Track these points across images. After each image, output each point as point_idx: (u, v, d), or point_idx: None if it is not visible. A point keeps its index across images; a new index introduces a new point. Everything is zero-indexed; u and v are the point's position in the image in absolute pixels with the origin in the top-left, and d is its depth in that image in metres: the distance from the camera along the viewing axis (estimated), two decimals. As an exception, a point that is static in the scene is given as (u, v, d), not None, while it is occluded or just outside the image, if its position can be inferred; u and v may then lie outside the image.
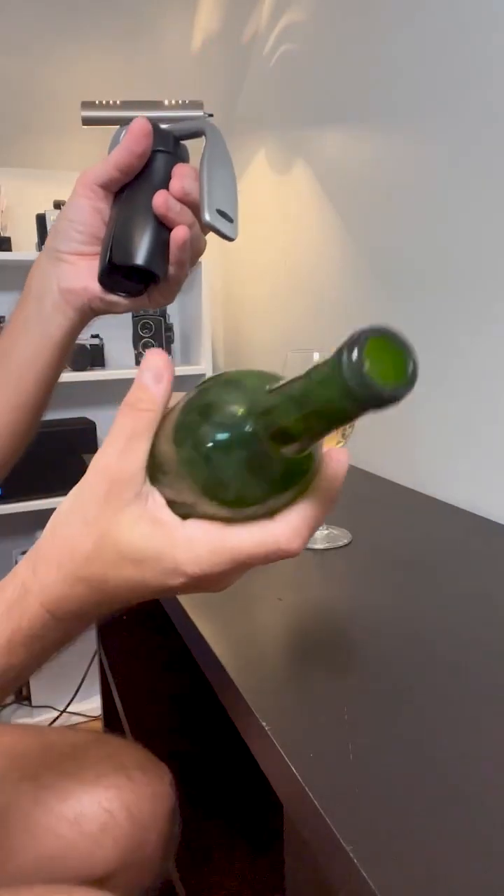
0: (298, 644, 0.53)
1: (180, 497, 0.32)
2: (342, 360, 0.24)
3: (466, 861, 0.32)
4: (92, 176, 0.53)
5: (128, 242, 0.51)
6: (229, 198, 0.50)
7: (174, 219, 0.51)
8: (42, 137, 1.80)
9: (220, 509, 0.31)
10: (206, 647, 0.53)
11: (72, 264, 0.55)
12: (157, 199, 0.51)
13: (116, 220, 0.52)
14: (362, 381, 0.23)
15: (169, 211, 0.51)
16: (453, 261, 1.01)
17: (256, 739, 0.44)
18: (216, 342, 2.18)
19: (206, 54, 1.68)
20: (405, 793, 0.37)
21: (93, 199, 0.54)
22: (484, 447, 0.96)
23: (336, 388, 0.24)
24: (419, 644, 0.53)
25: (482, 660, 0.50)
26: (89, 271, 0.54)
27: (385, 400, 0.24)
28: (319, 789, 0.37)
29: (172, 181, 0.52)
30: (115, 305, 0.56)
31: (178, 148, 0.54)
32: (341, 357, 0.24)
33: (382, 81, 1.15)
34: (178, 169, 0.52)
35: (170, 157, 0.53)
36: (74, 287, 0.55)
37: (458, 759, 0.39)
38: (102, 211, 0.54)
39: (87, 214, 0.54)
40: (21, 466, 0.66)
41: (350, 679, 0.48)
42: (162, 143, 0.53)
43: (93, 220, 0.54)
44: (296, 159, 1.52)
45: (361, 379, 0.23)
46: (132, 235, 0.51)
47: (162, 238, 0.52)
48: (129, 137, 0.51)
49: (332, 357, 0.24)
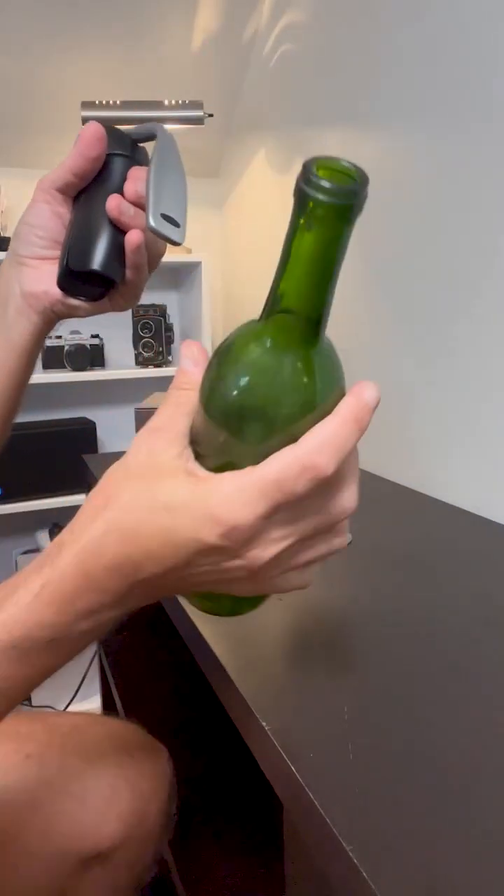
0: (298, 644, 0.53)
1: (215, 457, 0.33)
2: (299, 184, 0.29)
3: (466, 861, 0.32)
4: (49, 181, 0.53)
5: (84, 248, 0.52)
6: (177, 202, 0.50)
7: (128, 223, 0.52)
8: (42, 137, 1.80)
9: (248, 452, 0.32)
10: (206, 648, 0.53)
11: (33, 268, 0.55)
12: (109, 203, 0.51)
13: (74, 225, 0.53)
14: (319, 185, 0.28)
15: (122, 215, 0.51)
16: (453, 261, 1.01)
17: (256, 739, 0.44)
18: (216, 342, 2.18)
19: (206, 54, 1.68)
20: (405, 793, 0.37)
21: (52, 204, 0.54)
22: (484, 447, 0.96)
23: (305, 211, 0.29)
24: (419, 644, 0.53)
25: (482, 660, 0.50)
26: (50, 275, 0.54)
27: (346, 190, 0.29)
28: (319, 789, 0.37)
29: (126, 184, 0.52)
30: (77, 309, 0.56)
31: (135, 151, 0.54)
32: (298, 183, 0.29)
33: (382, 81, 1.15)
34: (132, 172, 0.52)
35: (126, 160, 0.53)
36: (36, 291, 0.55)
37: (458, 759, 0.39)
38: (62, 215, 0.54)
39: (47, 219, 0.54)
40: (21, 466, 0.66)
41: (350, 679, 0.48)
42: (119, 146, 0.53)
43: (52, 225, 0.54)
44: (296, 159, 1.52)
45: (319, 184, 0.28)
46: (88, 241, 0.52)
47: (118, 242, 0.52)
48: (82, 142, 0.51)
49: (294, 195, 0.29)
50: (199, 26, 1.61)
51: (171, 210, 0.49)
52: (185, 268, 1.88)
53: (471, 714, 0.44)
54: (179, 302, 2.06)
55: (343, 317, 1.36)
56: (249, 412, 0.32)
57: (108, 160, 0.52)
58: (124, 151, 0.53)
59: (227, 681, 0.49)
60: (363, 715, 0.44)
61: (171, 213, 0.49)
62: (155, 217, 0.48)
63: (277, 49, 1.55)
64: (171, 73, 1.71)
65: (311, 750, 0.40)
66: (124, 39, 1.61)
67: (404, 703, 0.45)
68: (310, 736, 0.42)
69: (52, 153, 1.83)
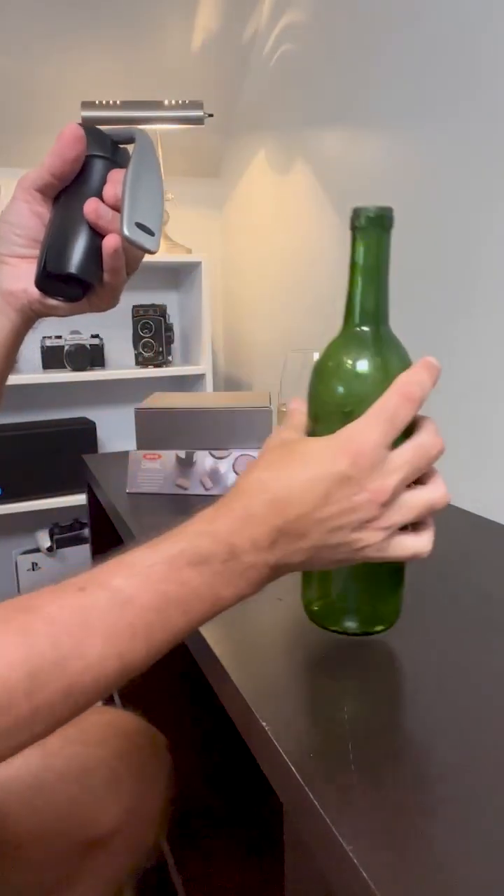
0: (298, 644, 0.53)
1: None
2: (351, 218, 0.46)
3: (467, 861, 0.32)
4: (29, 180, 0.53)
5: (61, 250, 0.51)
6: (152, 210, 0.50)
7: (105, 227, 0.52)
8: (42, 138, 1.80)
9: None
10: (205, 647, 0.53)
11: (12, 266, 0.55)
12: (87, 206, 0.51)
13: (52, 227, 0.52)
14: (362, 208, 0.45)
15: (99, 219, 0.51)
16: (453, 261, 1.01)
17: (256, 739, 0.44)
18: (216, 342, 2.18)
19: (206, 54, 1.68)
20: (405, 793, 0.37)
21: (31, 203, 0.54)
22: (484, 447, 0.96)
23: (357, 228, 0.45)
24: (419, 643, 0.53)
25: (482, 659, 0.50)
26: (29, 274, 0.55)
27: (379, 207, 0.45)
28: (319, 789, 0.37)
29: (106, 187, 0.52)
30: (56, 309, 0.56)
31: (116, 152, 0.54)
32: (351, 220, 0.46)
33: (382, 81, 1.15)
34: (112, 175, 0.52)
35: (107, 162, 0.52)
36: (14, 289, 0.55)
37: (458, 759, 0.39)
38: (42, 214, 0.54)
39: (26, 218, 0.54)
40: (21, 466, 0.66)
41: (350, 679, 0.48)
42: (99, 147, 0.52)
43: (32, 224, 0.54)
44: (296, 159, 1.52)
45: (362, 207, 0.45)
46: (65, 244, 0.51)
47: (95, 245, 0.52)
48: (61, 143, 0.51)
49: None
50: (199, 26, 1.62)
51: (146, 218, 0.49)
52: (185, 268, 1.88)
53: (472, 714, 0.44)
54: (179, 302, 2.06)
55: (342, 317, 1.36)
56: (351, 399, 0.45)
57: (88, 161, 0.52)
58: (105, 153, 0.52)
59: (227, 681, 0.49)
60: (363, 715, 0.44)
61: (146, 222, 0.49)
62: (129, 225, 0.48)
63: (277, 49, 1.56)
64: (171, 73, 1.71)
65: (311, 750, 0.40)
66: (124, 39, 1.61)
67: (405, 703, 0.45)
68: (310, 736, 0.42)
69: (52, 153, 1.83)
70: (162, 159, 1.78)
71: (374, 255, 0.46)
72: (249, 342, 1.95)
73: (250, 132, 1.78)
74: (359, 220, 0.45)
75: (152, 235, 0.49)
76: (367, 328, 0.47)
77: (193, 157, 1.96)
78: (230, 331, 2.10)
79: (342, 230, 1.34)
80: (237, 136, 1.88)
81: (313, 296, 1.49)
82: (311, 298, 1.50)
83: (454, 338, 1.01)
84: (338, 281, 1.36)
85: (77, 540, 1.97)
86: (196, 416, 0.94)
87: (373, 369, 0.46)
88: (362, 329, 0.47)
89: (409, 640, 0.54)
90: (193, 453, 0.94)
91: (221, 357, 2.19)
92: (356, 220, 0.45)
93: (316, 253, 1.46)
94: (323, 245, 1.43)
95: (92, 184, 0.52)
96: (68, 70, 1.65)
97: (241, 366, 2.03)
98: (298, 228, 1.54)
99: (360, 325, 0.47)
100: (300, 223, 1.53)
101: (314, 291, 1.49)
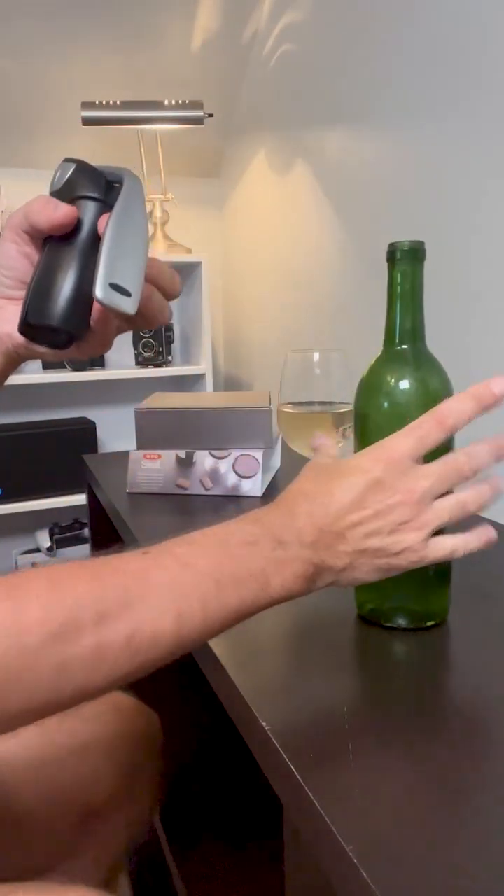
0: (298, 644, 0.53)
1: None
2: (388, 252, 0.52)
3: (467, 861, 0.32)
4: (17, 221, 0.51)
5: (44, 300, 0.49)
6: (131, 268, 0.47)
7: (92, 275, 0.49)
8: (42, 137, 1.80)
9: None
10: (205, 647, 0.53)
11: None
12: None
13: (37, 274, 0.50)
14: (398, 243, 0.51)
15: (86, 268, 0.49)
16: (453, 260, 1.01)
17: (256, 739, 0.44)
18: (216, 342, 2.18)
19: (206, 54, 1.68)
20: (405, 793, 0.37)
21: (20, 244, 0.52)
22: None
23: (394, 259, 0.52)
24: (419, 643, 0.53)
25: (482, 659, 0.50)
26: (16, 317, 0.52)
27: (411, 241, 0.51)
28: (319, 789, 0.37)
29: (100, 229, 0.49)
30: (42, 354, 0.54)
31: (108, 193, 0.50)
32: (388, 253, 0.52)
33: (382, 81, 1.15)
34: (104, 219, 0.49)
35: (99, 204, 0.50)
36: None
37: (459, 759, 0.39)
38: (30, 255, 0.52)
39: (14, 259, 0.52)
40: (21, 466, 0.66)
41: (350, 679, 0.48)
42: (92, 186, 0.50)
43: (20, 265, 0.52)
44: (296, 159, 1.52)
45: (397, 242, 0.51)
46: (49, 293, 0.49)
47: (83, 293, 0.49)
48: (52, 221, 0.48)
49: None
50: (199, 26, 1.62)
51: (124, 278, 0.47)
52: (185, 268, 1.88)
53: (472, 713, 0.44)
54: (179, 302, 2.06)
55: (343, 317, 1.36)
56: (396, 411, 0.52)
57: (80, 203, 0.49)
58: (97, 194, 0.50)
59: (227, 680, 0.49)
60: (363, 715, 0.44)
61: (122, 282, 0.47)
62: (103, 287, 0.45)
63: (277, 49, 1.56)
64: (171, 73, 1.71)
65: (311, 750, 0.40)
66: (125, 40, 1.61)
67: (405, 703, 0.45)
68: (310, 736, 0.42)
69: (53, 153, 1.83)
70: (162, 159, 1.78)
71: (410, 282, 0.51)
72: (249, 342, 1.95)
73: (250, 132, 1.78)
74: (395, 254, 0.51)
75: (129, 296, 0.47)
76: (406, 346, 0.53)
77: (193, 157, 1.96)
78: (230, 331, 2.10)
79: (342, 230, 1.34)
80: (237, 136, 1.88)
81: (313, 296, 1.49)
82: (311, 298, 1.50)
83: (455, 337, 1.01)
84: (338, 280, 1.36)
85: (77, 540, 1.97)
86: (196, 416, 0.94)
87: (413, 384, 0.52)
88: (402, 347, 0.53)
89: (409, 639, 0.54)
90: (193, 453, 0.94)
91: (221, 357, 2.20)
92: (393, 253, 0.51)
93: (316, 253, 1.46)
94: (323, 245, 1.43)
95: (83, 229, 0.49)
96: (68, 70, 1.65)
97: (241, 366, 2.03)
98: (298, 228, 1.54)
99: (400, 343, 0.53)
100: (300, 223, 1.53)
101: (314, 291, 1.49)
